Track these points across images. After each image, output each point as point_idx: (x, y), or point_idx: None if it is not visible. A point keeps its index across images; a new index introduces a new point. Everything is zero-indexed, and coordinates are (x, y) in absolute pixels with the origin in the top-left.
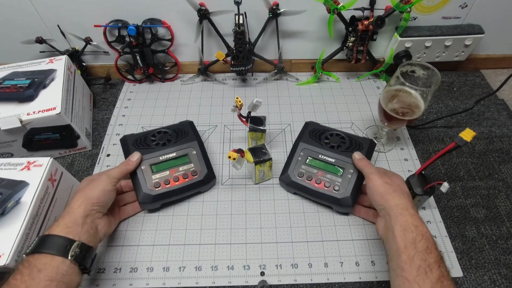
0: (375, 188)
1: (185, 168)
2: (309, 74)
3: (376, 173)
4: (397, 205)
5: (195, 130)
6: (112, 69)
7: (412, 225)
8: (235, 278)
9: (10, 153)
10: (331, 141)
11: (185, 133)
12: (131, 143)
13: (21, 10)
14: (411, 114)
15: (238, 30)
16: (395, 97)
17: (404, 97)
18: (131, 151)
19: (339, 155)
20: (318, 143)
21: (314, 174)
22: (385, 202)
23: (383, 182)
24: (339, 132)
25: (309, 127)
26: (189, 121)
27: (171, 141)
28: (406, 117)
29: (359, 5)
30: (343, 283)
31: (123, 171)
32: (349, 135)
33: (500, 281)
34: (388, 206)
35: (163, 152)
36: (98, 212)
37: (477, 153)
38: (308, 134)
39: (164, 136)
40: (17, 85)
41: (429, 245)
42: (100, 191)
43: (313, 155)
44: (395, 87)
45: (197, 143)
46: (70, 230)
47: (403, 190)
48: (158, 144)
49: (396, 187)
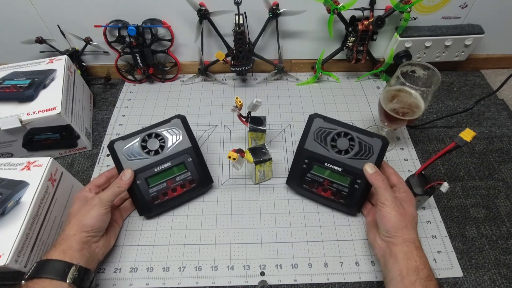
0: (387, 220)
1: (182, 177)
2: (309, 74)
3: (391, 201)
4: (405, 239)
5: (189, 130)
6: (112, 69)
7: (417, 256)
8: (235, 278)
9: (10, 153)
10: (338, 145)
11: (178, 135)
12: (121, 153)
13: (21, 10)
14: (411, 114)
15: (238, 30)
16: (396, 97)
17: (404, 97)
18: (122, 162)
19: (347, 162)
20: (324, 148)
21: (320, 183)
22: (394, 233)
23: (397, 214)
24: (347, 131)
25: (314, 125)
26: (181, 117)
27: (164, 147)
28: (407, 117)
29: (359, 5)
30: (343, 283)
31: (116, 193)
32: (359, 136)
33: (500, 281)
34: (395, 237)
35: (157, 163)
36: (94, 237)
37: (477, 153)
38: (312, 136)
39: (155, 142)
40: (17, 85)
41: (430, 274)
42: (93, 217)
43: (319, 163)
44: (396, 87)
45: (192, 148)
46: (67, 255)
47: (414, 222)
48: (149, 152)
49: (408, 220)
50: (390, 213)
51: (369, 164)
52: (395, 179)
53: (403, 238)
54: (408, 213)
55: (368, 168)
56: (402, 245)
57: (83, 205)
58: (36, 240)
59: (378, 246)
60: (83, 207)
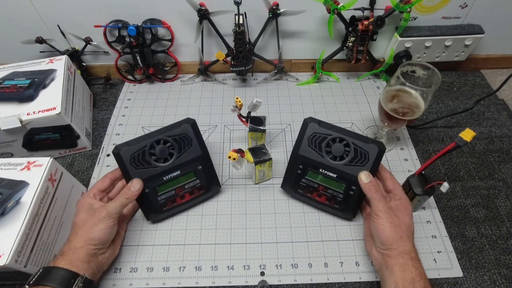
0: (381, 232)
1: (191, 185)
2: (309, 74)
3: (385, 212)
4: (400, 251)
5: (199, 136)
6: (112, 69)
7: (412, 267)
8: (235, 278)
9: (10, 153)
10: (333, 150)
11: (188, 142)
12: (129, 162)
13: (21, 10)
14: (412, 114)
15: (238, 30)
16: (396, 97)
17: (404, 97)
18: (130, 171)
19: (342, 169)
20: (318, 154)
21: (315, 188)
22: (389, 245)
23: (391, 225)
24: (343, 137)
25: (308, 130)
26: (191, 122)
27: (173, 155)
28: (407, 117)
29: (359, 5)
30: (343, 283)
31: (124, 205)
32: (355, 142)
33: (500, 281)
34: (390, 249)
35: (166, 172)
36: (101, 249)
37: (477, 153)
38: (307, 142)
39: (164, 149)
40: (17, 85)
41: (427, 285)
42: (101, 231)
43: (313, 169)
44: (396, 87)
45: (202, 156)
46: (74, 265)
47: (409, 232)
48: (158, 160)
49: (403, 231)
50: (384, 225)
51: (364, 172)
52: (391, 184)
53: (398, 250)
54: (403, 223)
55: (363, 176)
56: (397, 257)
57: (90, 216)
58: (36, 240)
59: (375, 257)
60: (90, 218)
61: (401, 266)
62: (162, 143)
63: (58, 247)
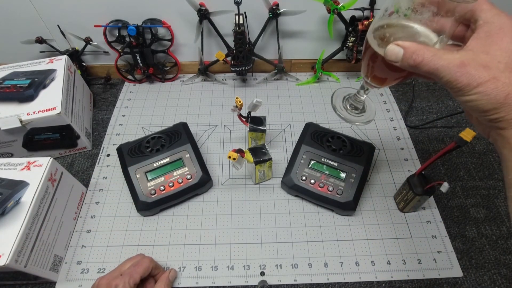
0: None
1: (179, 172)
2: (309, 74)
3: (461, 79)
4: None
5: (189, 132)
6: (112, 69)
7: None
8: (235, 278)
9: (10, 153)
10: (333, 144)
11: (178, 135)
12: (126, 153)
13: (21, 10)
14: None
15: (238, 30)
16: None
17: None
18: (127, 161)
19: (341, 159)
20: (320, 146)
21: (318, 177)
22: (497, 115)
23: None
24: (340, 135)
25: (310, 129)
26: (183, 123)
27: (164, 146)
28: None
29: (359, 5)
30: (343, 283)
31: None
32: (350, 138)
33: (500, 281)
34: (500, 121)
35: (156, 159)
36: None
37: (477, 153)
38: (310, 137)
39: (157, 141)
40: (17, 85)
41: None
42: None
43: (316, 158)
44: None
45: (190, 145)
46: None
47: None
48: (152, 150)
49: (499, 71)
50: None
51: (392, 45)
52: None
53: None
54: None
55: (393, 47)
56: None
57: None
58: (36, 240)
59: (483, 129)
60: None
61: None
62: (157, 138)
63: (58, 247)
